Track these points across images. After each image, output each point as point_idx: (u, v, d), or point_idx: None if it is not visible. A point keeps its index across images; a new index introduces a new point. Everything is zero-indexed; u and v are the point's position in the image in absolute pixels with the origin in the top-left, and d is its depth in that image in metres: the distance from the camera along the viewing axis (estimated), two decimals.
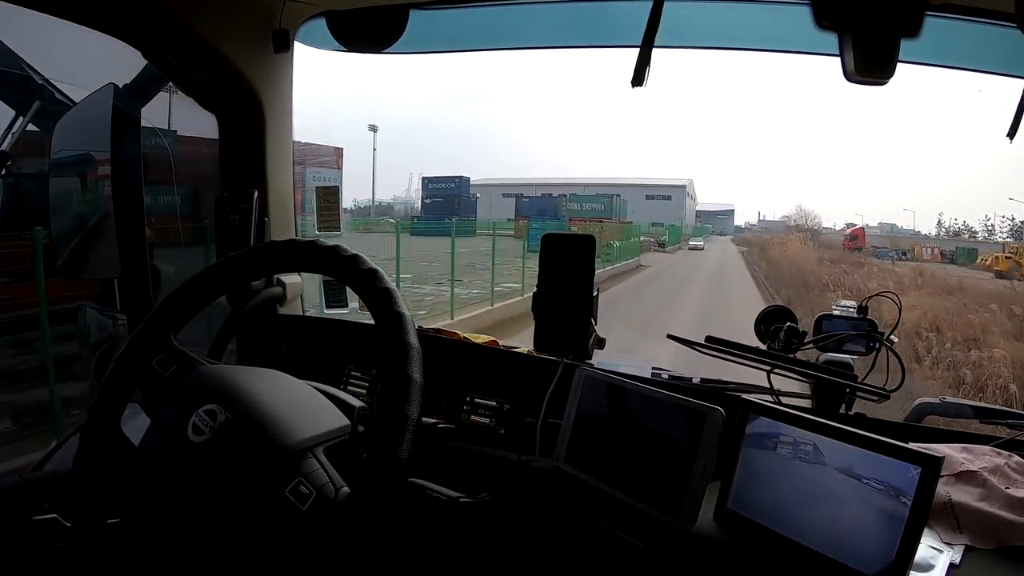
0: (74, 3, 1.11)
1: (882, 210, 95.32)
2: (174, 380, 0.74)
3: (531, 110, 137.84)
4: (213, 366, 0.77)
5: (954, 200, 62.21)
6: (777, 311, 1.21)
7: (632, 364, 1.19)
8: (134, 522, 0.69)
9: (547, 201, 30.70)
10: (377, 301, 0.68)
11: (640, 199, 39.82)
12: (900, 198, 67.85)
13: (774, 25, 1.25)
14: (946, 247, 24.49)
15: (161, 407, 0.72)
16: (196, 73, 1.32)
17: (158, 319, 0.78)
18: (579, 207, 28.60)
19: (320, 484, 0.64)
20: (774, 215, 53.66)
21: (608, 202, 29.83)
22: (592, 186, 36.27)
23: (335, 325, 1.47)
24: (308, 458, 0.66)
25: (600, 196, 31.13)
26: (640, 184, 44.10)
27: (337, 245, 0.74)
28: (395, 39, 1.34)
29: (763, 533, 0.80)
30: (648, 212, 36.87)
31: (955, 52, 1.19)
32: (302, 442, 0.67)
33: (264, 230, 1.39)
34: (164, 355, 0.77)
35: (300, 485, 0.64)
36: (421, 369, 0.63)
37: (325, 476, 0.65)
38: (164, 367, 0.76)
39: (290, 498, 0.63)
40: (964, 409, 1.13)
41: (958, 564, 0.76)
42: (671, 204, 41.51)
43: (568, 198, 29.99)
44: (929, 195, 71.02)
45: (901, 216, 71.43)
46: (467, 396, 1.20)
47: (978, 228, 28.34)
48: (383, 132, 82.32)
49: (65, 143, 1.44)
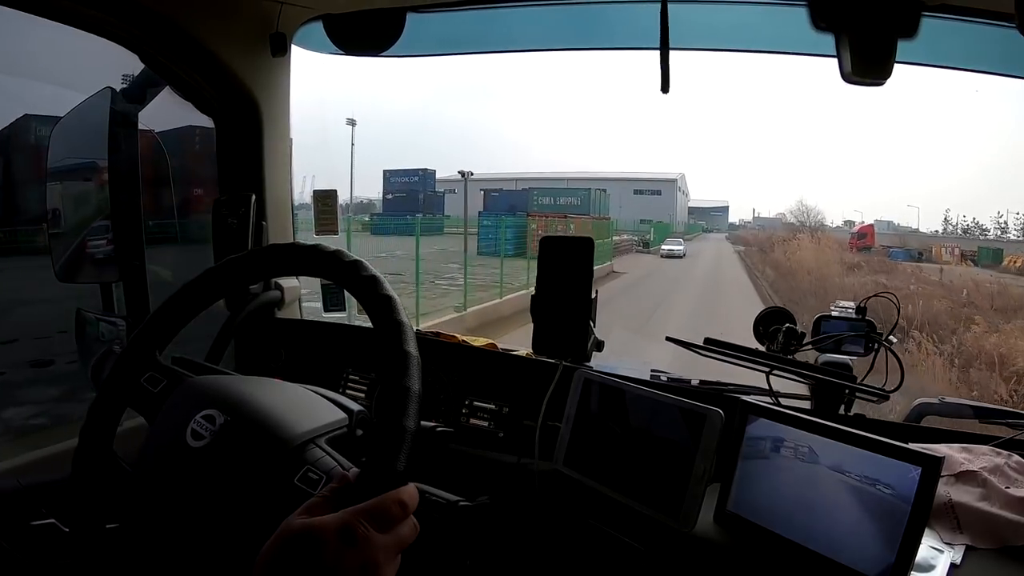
0: (71, 7, 1.11)
1: (877, 206, 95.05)
2: (166, 395, 0.74)
3: (524, 107, 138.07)
4: (204, 376, 0.77)
5: (952, 196, 61.83)
6: (776, 312, 1.21)
7: (631, 366, 1.19)
8: (136, 532, 0.69)
9: (518, 196, 27.30)
10: (377, 308, 0.67)
11: (627, 194, 37.19)
12: (895, 194, 67.18)
13: (770, 26, 1.26)
14: (966, 246, 21.53)
15: (156, 421, 0.72)
16: (193, 77, 1.32)
17: (143, 337, 0.77)
18: (552, 201, 25.58)
19: (329, 468, 0.65)
20: (769, 212, 52.91)
21: (585, 196, 26.20)
22: (576, 180, 33.52)
23: (333, 329, 1.47)
24: (312, 448, 0.67)
25: (576, 190, 27.74)
26: (627, 178, 41.16)
27: (339, 250, 0.74)
28: (392, 42, 1.34)
29: (763, 535, 0.79)
30: (636, 208, 34.26)
31: (952, 52, 1.19)
32: (303, 434, 0.67)
33: (262, 234, 1.39)
34: (152, 372, 0.77)
35: (309, 472, 0.64)
36: (420, 379, 0.62)
37: (332, 461, 0.66)
38: (154, 384, 0.76)
39: (301, 486, 0.63)
40: (963, 409, 1.13)
41: (959, 564, 0.76)
42: (661, 200, 39.09)
43: (539, 192, 26.73)
44: (927, 191, 70.71)
45: (898, 212, 70.83)
46: (466, 399, 1.20)
47: (989, 225, 26.28)
48: (376, 130, 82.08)
49: (62, 147, 1.44)
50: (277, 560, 0.48)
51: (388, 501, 0.52)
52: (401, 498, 0.53)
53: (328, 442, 0.69)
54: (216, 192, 1.46)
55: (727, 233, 44.54)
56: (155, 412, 0.72)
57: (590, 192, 26.67)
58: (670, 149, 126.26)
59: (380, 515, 0.51)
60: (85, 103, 1.38)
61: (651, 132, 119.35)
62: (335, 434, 0.71)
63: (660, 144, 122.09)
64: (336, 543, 0.48)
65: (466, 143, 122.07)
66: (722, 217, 54.12)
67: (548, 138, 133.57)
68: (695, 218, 50.21)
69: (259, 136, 1.42)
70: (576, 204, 25.12)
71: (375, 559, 0.49)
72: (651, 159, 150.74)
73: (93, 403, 0.73)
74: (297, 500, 0.56)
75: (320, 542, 0.48)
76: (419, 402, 0.61)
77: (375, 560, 0.49)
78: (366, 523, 0.50)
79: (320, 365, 1.29)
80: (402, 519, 0.53)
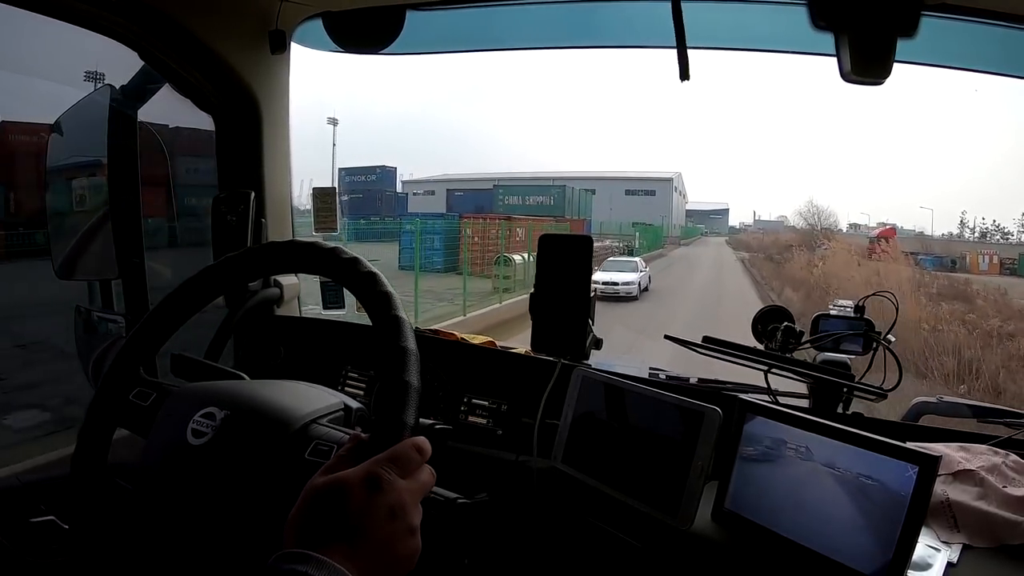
0: (71, 4, 1.11)
1: (882, 209, 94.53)
2: (157, 407, 0.75)
3: (518, 107, 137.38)
4: (195, 384, 0.78)
5: (962, 199, 61.00)
6: (774, 311, 1.21)
7: (629, 364, 1.19)
8: (142, 534, 0.70)
9: (486, 196, 24.53)
10: (375, 305, 0.67)
11: (619, 194, 34.76)
12: (899, 196, 66.37)
13: (770, 25, 1.25)
14: (1004, 253, 19.55)
15: (151, 432, 0.73)
16: (193, 74, 1.32)
17: (126, 355, 0.77)
18: (521, 200, 22.56)
19: (337, 439, 0.67)
20: (770, 215, 51.96)
21: (559, 194, 22.74)
22: (562, 179, 29.61)
23: (332, 326, 1.47)
24: (314, 426, 0.69)
25: (550, 187, 23.86)
26: (619, 177, 38.39)
27: (337, 247, 0.74)
28: (392, 40, 1.33)
29: (761, 533, 0.80)
30: (629, 210, 31.70)
31: (952, 52, 1.19)
32: (303, 417, 0.70)
33: (261, 231, 1.39)
34: (140, 388, 0.77)
35: (319, 445, 0.66)
36: (419, 374, 0.63)
37: (338, 433, 0.68)
38: (143, 398, 0.77)
39: (313, 459, 0.65)
40: (961, 408, 1.13)
41: (955, 563, 0.76)
42: (656, 201, 36.55)
43: (504, 190, 23.09)
44: (935, 193, 69.88)
45: (902, 215, 69.54)
46: (464, 397, 1.20)
47: (1012, 228, 25.15)
48: (369, 131, 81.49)
49: (61, 145, 1.44)
50: (308, 515, 0.49)
51: (407, 446, 0.54)
52: (417, 443, 0.55)
53: (328, 424, 0.71)
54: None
55: (727, 236, 42.96)
56: (147, 425, 0.73)
57: (565, 190, 23.12)
58: (668, 150, 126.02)
59: (401, 460, 0.53)
60: (84, 100, 1.38)
61: (649, 133, 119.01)
62: (333, 416, 0.72)
63: (658, 145, 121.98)
64: (363, 490, 0.50)
65: (455, 143, 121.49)
66: (722, 220, 52.75)
67: (545, 140, 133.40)
68: (694, 221, 48.48)
69: (258, 133, 1.42)
70: (549, 204, 22.01)
71: (402, 500, 0.51)
72: (648, 161, 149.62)
73: (82, 428, 0.73)
74: (312, 472, 0.56)
75: (347, 492, 0.50)
76: (418, 397, 0.61)
77: (402, 502, 0.51)
78: (388, 469, 0.52)
79: (319, 362, 1.29)
80: (420, 464, 0.55)
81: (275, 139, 1.46)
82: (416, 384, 0.62)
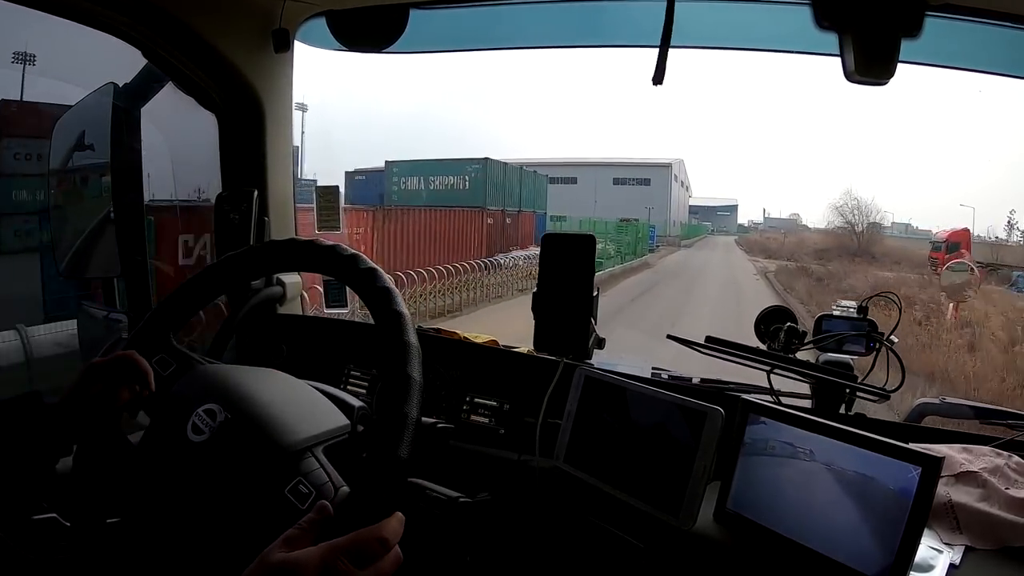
0: (74, 2, 1.11)
1: (898, 210, 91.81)
2: (173, 379, 0.74)
3: (514, 105, 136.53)
4: (212, 365, 0.77)
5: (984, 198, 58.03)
6: (777, 311, 1.21)
7: (632, 364, 1.19)
8: (133, 521, 0.69)
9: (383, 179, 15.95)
10: (376, 300, 0.68)
11: (606, 183, 27.98)
12: (909, 196, 64.64)
13: (774, 25, 1.25)
14: None
15: (160, 406, 0.72)
16: (196, 72, 1.33)
17: (157, 319, 0.78)
18: (421, 184, 15.04)
19: (320, 483, 0.64)
20: (780, 212, 49.68)
21: (477, 175, 14.29)
22: (539, 165, 20.45)
23: (335, 325, 1.47)
24: (307, 457, 0.66)
25: (462, 165, 14.77)
26: (607, 163, 30.52)
27: (336, 244, 0.74)
28: (395, 38, 1.34)
29: (763, 533, 0.79)
30: (618, 202, 25.14)
31: (956, 52, 1.18)
32: (301, 441, 0.67)
33: (264, 229, 1.39)
34: (163, 354, 0.77)
35: (300, 484, 0.64)
36: (421, 368, 0.63)
37: (325, 475, 0.65)
38: (163, 366, 0.76)
39: (290, 498, 0.63)
40: (964, 409, 1.13)
41: (958, 565, 0.76)
42: (651, 191, 29.32)
43: (399, 170, 15.48)
44: (957, 193, 67.65)
45: (914, 215, 67.05)
46: (467, 396, 1.20)
47: None
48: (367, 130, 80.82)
49: (64, 144, 1.44)
50: None
51: (368, 538, 0.52)
52: (382, 535, 0.53)
53: (326, 450, 0.68)
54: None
55: (736, 236, 37.98)
56: (160, 398, 0.73)
57: (487, 168, 14.37)
58: (673, 144, 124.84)
59: (360, 552, 0.51)
60: (87, 99, 1.38)
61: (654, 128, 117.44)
62: (334, 441, 0.70)
63: (662, 139, 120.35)
64: None
65: (453, 141, 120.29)
66: (730, 217, 47.98)
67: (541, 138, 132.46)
68: (699, 217, 43.78)
69: (261, 132, 1.42)
70: (462, 189, 14.35)
71: None
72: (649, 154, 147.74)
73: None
74: (283, 512, 0.56)
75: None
76: (420, 391, 0.61)
77: None
78: (346, 560, 0.50)
79: (321, 361, 1.29)
80: (383, 555, 0.52)
81: (278, 138, 1.46)
82: (418, 378, 0.62)
